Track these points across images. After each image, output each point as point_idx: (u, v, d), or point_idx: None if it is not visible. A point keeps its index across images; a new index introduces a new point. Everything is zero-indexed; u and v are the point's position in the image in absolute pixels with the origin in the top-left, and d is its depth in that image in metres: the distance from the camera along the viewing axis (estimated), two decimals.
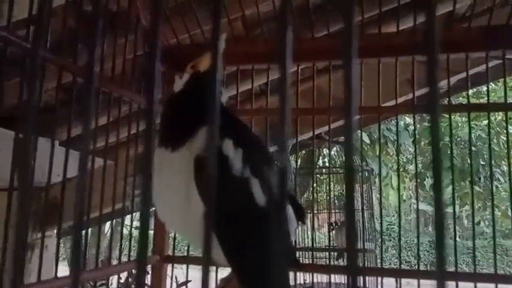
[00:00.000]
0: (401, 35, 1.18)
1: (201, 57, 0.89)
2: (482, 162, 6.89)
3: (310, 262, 1.54)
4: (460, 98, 3.25)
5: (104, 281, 1.64)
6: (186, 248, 1.39)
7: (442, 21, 1.29)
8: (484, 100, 5.26)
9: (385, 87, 1.22)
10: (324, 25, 1.18)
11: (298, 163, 2.98)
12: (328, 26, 1.19)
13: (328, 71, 1.23)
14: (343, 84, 0.28)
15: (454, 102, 1.80)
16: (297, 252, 1.62)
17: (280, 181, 0.28)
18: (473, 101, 4.26)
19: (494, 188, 6.24)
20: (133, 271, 1.63)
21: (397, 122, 1.51)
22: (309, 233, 2.88)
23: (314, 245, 1.54)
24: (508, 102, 1.23)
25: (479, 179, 6.94)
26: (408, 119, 6.47)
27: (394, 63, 1.20)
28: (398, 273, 1.34)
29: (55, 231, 1.87)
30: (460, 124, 7.56)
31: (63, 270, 1.11)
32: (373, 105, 1.24)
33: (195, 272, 1.41)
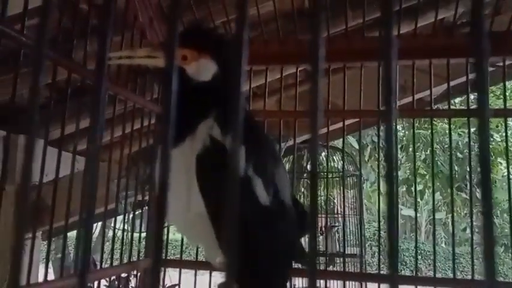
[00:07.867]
0: (402, 38, 1.17)
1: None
2: (468, 169, 6.93)
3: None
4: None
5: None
6: (179, 251, 1.37)
7: (440, 27, 1.29)
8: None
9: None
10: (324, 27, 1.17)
11: (287, 167, 2.95)
12: (328, 29, 1.18)
13: (327, 73, 1.22)
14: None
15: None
16: None
17: (311, 183, 0.27)
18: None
19: (477, 194, 6.30)
20: (122, 275, 1.60)
21: (393, 128, 1.50)
22: None
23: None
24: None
25: (466, 185, 7.02)
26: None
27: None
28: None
29: (40, 232, 1.82)
30: (447, 131, 7.65)
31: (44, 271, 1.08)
32: (372, 108, 1.24)
33: (186, 275, 1.39)
